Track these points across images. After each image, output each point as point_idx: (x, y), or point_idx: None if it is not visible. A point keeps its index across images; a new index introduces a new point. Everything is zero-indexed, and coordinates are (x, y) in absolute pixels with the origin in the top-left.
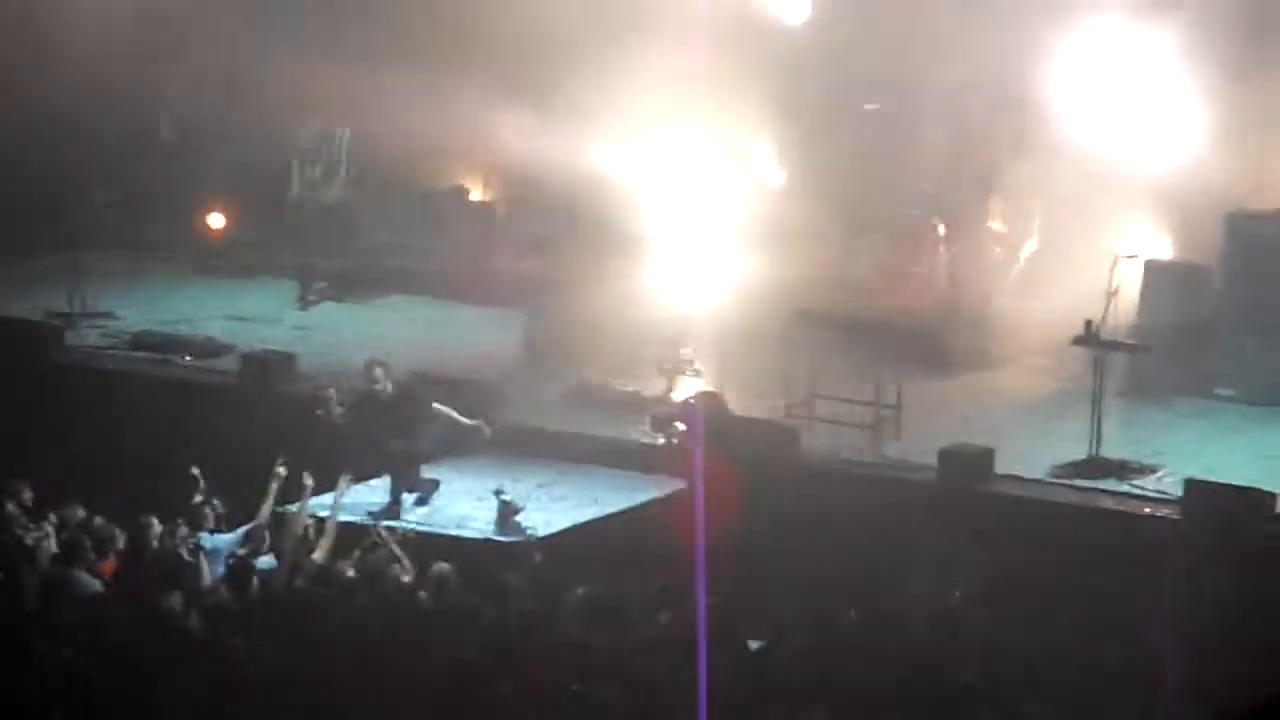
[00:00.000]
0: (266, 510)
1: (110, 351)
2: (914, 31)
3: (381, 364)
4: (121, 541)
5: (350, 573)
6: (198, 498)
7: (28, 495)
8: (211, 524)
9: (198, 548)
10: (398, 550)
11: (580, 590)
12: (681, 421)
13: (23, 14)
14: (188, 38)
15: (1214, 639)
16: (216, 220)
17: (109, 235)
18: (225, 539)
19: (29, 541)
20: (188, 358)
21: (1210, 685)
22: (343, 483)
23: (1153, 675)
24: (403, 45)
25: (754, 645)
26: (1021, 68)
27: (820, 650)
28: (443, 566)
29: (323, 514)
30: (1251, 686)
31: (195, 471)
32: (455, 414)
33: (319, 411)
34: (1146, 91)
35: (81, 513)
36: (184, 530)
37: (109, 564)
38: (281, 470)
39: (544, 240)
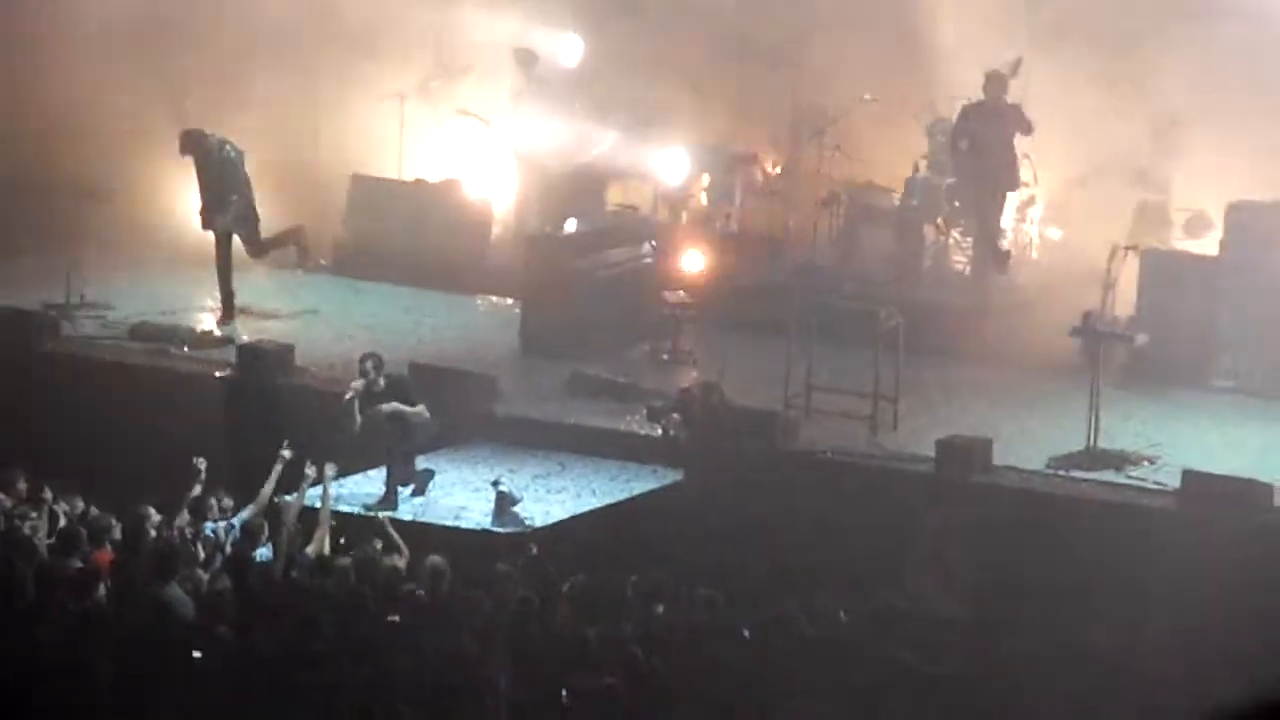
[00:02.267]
0: (266, 493)
1: (107, 342)
2: None
3: (373, 357)
4: (117, 531)
5: (345, 561)
6: (197, 489)
7: (22, 485)
8: (215, 515)
9: (197, 536)
10: (395, 536)
11: (576, 581)
12: (678, 412)
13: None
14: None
15: (1211, 630)
16: None
17: (104, 225)
18: (220, 527)
19: (26, 530)
20: (185, 348)
21: (1208, 676)
22: (329, 472)
23: (1150, 667)
24: None
25: (745, 633)
26: None
27: (814, 643)
28: (436, 559)
29: (317, 505)
30: (1249, 678)
31: (199, 463)
32: (401, 407)
33: (346, 399)
34: None
35: (80, 503)
36: (185, 518)
37: (105, 554)
38: (286, 453)
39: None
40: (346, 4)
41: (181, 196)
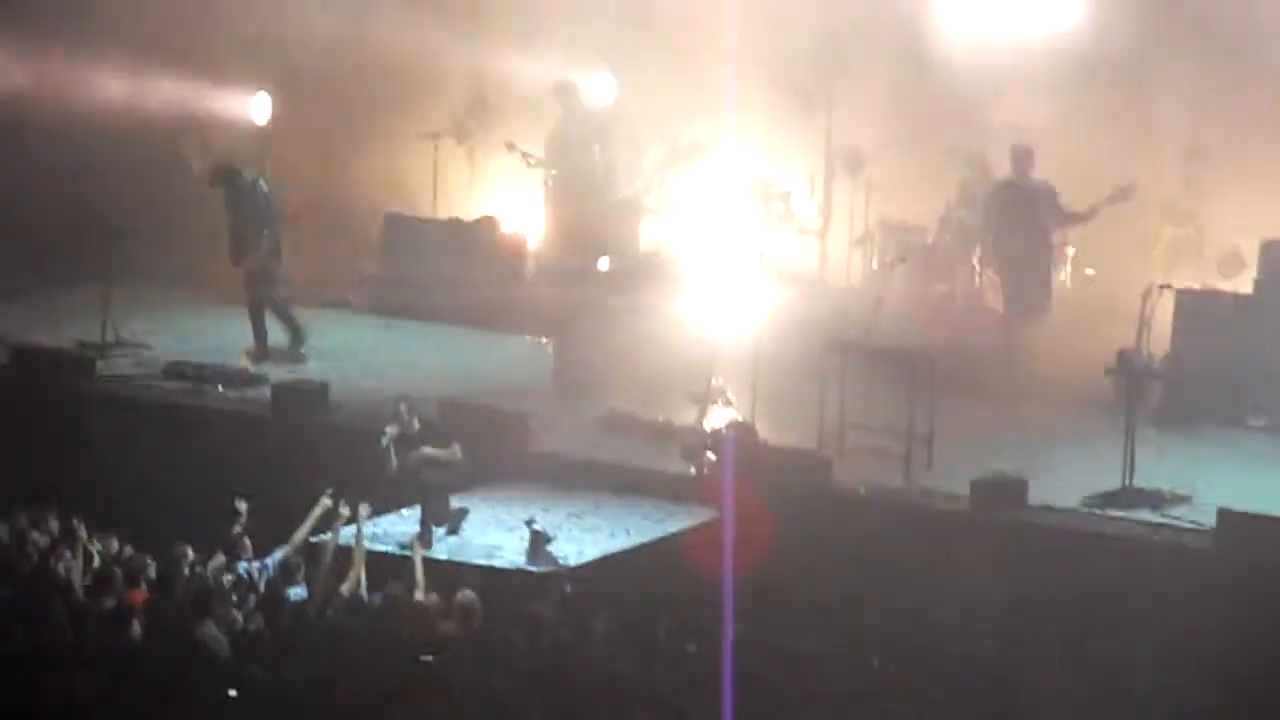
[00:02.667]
0: (300, 537)
1: (142, 382)
2: None
3: (406, 399)
4: (153, 571)
5: (376, 600)
6: (237, 528)
7: (54, 523)
8: (250, 554)
9: (236, 578)
10: (419, 574)
11: (609, 620)
12: (712, 451)
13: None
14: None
15: (1248, 670)
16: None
17: (138, 265)
18: (255, 566)
19: (60, 570)
20: (220, 388)
21: (1243, 717)
22: (363, 512)
23: (1183, 707)
24: None
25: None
26: None
27: (848, 684)
28: (468, 594)
29: (351, 544)
30: None
31: (241, 504)
32: (432, 450)
33: (382, 445)
34: None
35: (115, 543)
36: (221, 559)
37: (139, 593)
38: (327, 500)
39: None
40: (385, 42)
41: (214, 232)
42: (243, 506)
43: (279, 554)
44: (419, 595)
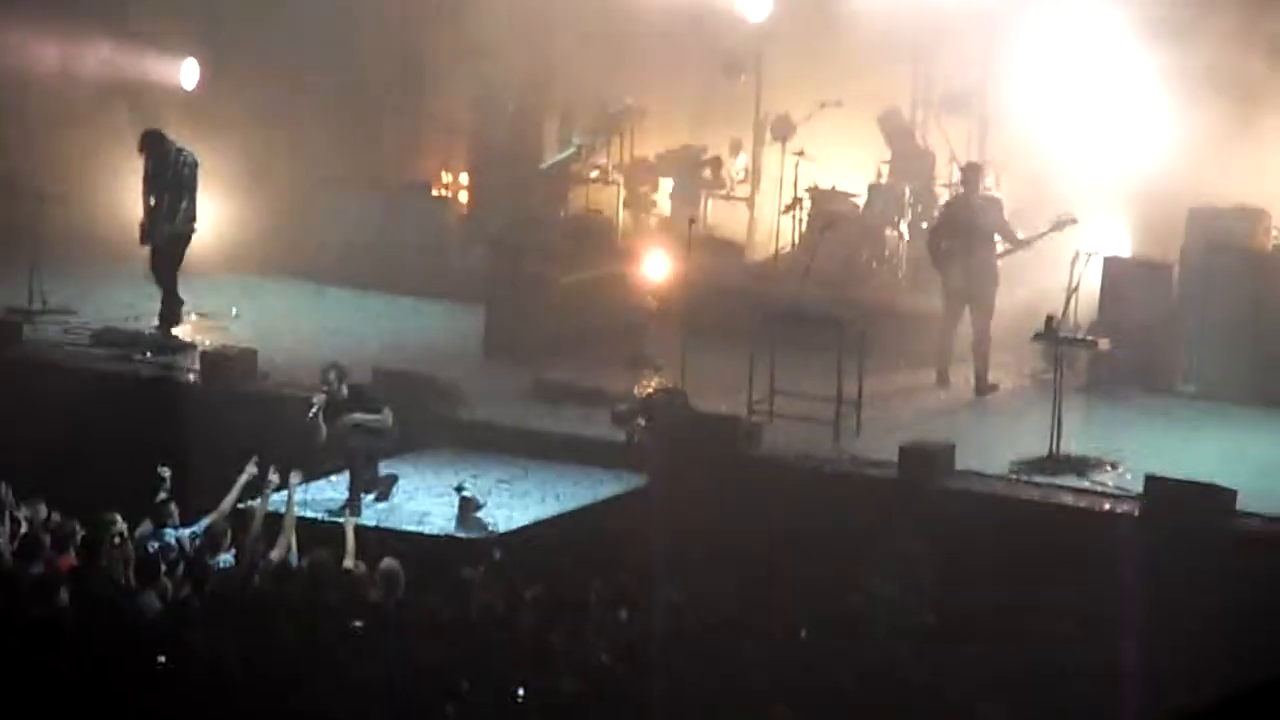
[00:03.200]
0: (227, 505)
1: (69, 347)
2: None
3: (336, 367)
4: (79, 538)
5: (304, 566)
6: (162, 495)
7: None
8: (176, 521)
9: (161, 545)
10: (350, 542)
11: (540, 587)
12: (643, 417)
13: None
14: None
15: (1173, 635)
16: None
17: (67, 231)
18: (184, 534)
19: None
20: (148, 354)
21: (1169, 682)
22: (294, 479)
23: (1111, 672)
24: None
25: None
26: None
27: (779, 650)
28: (391, 563)
29: (280, 511)
30: (1211, 683)
31: (164, 470)
32: (362, 415)
33: (310, 415)
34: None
35: (43, 509)
36: (147, 527)
37: (66, 560)
38: (253, 469)
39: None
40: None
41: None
42: (166, 474)
43: (206, 521)
44: (349, 563)
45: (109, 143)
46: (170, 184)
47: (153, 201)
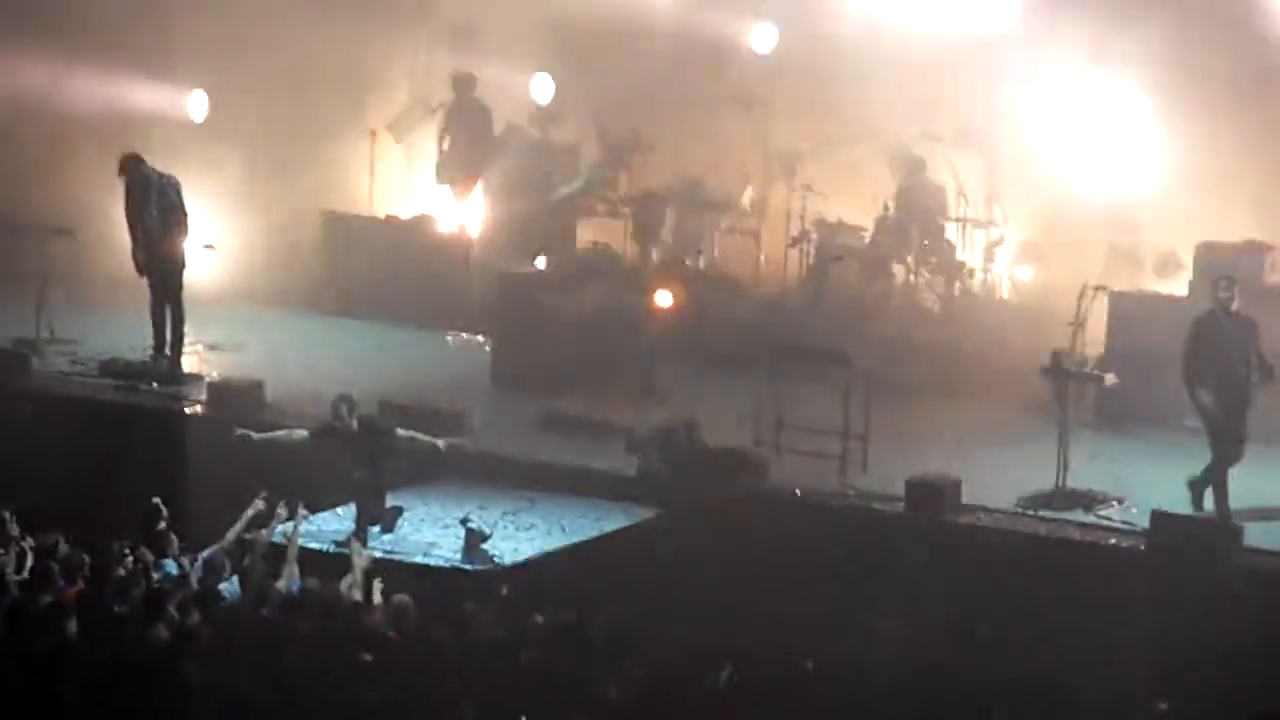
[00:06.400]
0: (231, 536)
1: (77, 379)
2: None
3: (346, 400)
4: (88, 568)
5: (312, 593)
6: (161, 525)
7: None
8: (176, 551)
9: (164, 575)
10: (357, 574)
11: (545, 619)
12: (651, 450)
13: None
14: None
15: (1178, 670)
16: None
17: (74, 263)
18: (185, 563)
19: None
20: (155, 385)
21: (1176, 718)
22: (299, 511)
23: (1118, 707)
24: None
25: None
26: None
27: (784, 685)
28: (402, 598)
29: (285, 541)
30: (1216, 716)
31: (158, 501)
32: (416, 434)
33: (239, 435)
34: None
35: (51, 539)
36: (148, 557)
37: (73, 590)
38: (261, 504)
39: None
40: (323, 41)
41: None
42: (159, 504)
43: (208, 551)
44: (357, 594)
45: (115, 175)
46: (158, 207)
47: (142, 230)
